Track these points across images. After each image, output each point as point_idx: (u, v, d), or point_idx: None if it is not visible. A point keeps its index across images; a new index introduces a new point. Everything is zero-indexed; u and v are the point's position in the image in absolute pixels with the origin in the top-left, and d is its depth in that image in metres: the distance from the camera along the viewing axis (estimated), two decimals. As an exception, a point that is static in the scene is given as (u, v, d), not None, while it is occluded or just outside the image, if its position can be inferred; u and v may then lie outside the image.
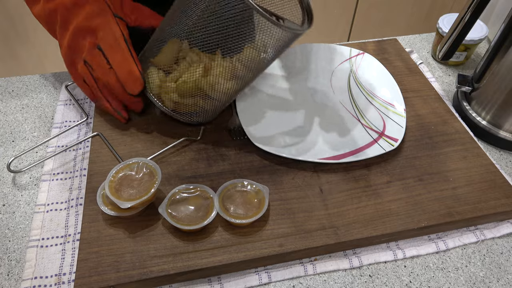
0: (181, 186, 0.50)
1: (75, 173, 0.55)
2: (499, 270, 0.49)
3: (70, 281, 0.45)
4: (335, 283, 0.47)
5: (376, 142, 0.57)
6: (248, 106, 0.60)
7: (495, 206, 0.51)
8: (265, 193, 0.49)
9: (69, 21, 0.56)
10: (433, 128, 0.61)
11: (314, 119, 0.61)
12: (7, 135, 0.60)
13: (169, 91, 0.54)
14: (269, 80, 0.66)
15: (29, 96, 0.66)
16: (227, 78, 0.51)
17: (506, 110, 0.59)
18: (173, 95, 0.54)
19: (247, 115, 0.59)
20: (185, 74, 0.52)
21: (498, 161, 0.60)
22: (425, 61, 0.77)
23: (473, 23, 0.57)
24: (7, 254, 0.48)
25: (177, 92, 0.53)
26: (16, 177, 0.55)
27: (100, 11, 0.55)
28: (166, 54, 0.53)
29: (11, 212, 0.52)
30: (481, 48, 0.80)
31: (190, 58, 0.52)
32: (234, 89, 0.53)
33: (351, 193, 0.52)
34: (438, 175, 0.55)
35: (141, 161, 0.50)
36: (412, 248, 0.50)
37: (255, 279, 0.47)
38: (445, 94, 0.69)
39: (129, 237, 0.47)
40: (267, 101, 0.63)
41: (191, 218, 0.47)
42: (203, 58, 0.51)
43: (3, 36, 1.51)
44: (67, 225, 0.50)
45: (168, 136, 0.58)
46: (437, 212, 0.50)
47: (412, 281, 0.47)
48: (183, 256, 0.45)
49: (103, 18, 0.54)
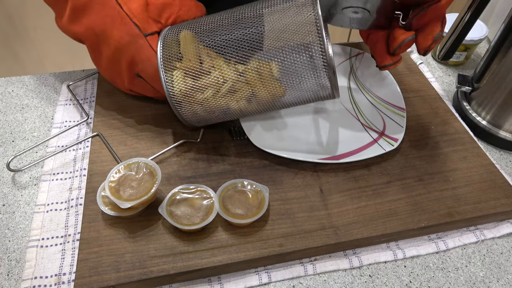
0: (181, 186, 0.50)
1: (75, 173, 0.55)
2: (499, 270, 0.49)
3: (70, 281, 0.45)
4: (335, 283, 0.47)
5: (376, 142, 0.57)
6: (248, 106, 0.60)
7: (495, 206, 0.51)
8: (265, 193, 0.49)
9: (99, 49, 0.53)
10: (433, 128, 0.61)
11: (314, 119, 0.61)
12: (7, 135, 0.60)
13: (195, 102, 0.50)
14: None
15: (29, 96, 0.66)
16: (270, 98, 0.49)
17: (506, 110, 0.59)
18: (198, 107, 0.50)
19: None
20: (220, 89, 0.48)
21: (498, 161, 0.60)
22: (425, 61, 0.77)
23: (473, 23, 0.57)
24: (7, 254, 0.48)
25: (204, 105, 0.50)
26: (16, 177, 0.55)
27: (131, 37, 0.50)
28: (189, 59, 0.49)
29: (11, 212, 0.52)
30: (481, 48, 0.80)
31: (222, 71, 0.48)
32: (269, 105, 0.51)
33: (351, 193, 0.52)
34: (438, 175, 0.55)
35: (141, 161, 0.50)
36: (412, 248, 0.50)
37: (255, 279, 0.47)
38: (445, 94, 0.69)
39: (129, 237, 0.47)
40: (267, 101, 0.63)
41: (191, 218, 0.47)
42: (231, 69, 0.48)
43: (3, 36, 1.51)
44: (67, 225, 0.50)
45: (168, 136, 0.58)
46: (437, 212, 0.50)
47: (412, 281, 0.47)
48: (183, 256, 0.45)
49: (134, 45, 0.50)
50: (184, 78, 0.49)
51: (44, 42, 1.55)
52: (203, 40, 0.49)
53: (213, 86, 0.48)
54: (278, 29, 0.46)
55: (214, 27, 0.49)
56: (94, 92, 0.66)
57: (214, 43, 0.48)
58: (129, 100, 0.62)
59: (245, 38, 0.47)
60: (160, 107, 0.62)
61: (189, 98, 0.50)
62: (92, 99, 0.65)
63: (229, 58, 0.48)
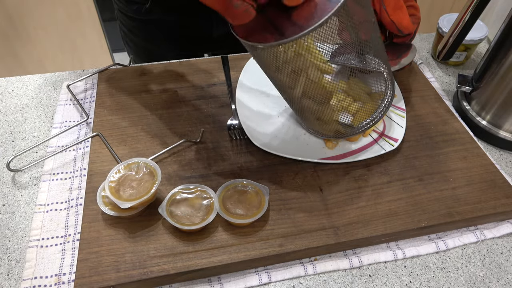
0: (181, 186, 0.50)
1: (75, 173, 0.55)
2: (499, 270, 0.49)
3: (70, 281, 0.45)
4: (335, 283, 0.47)
5: (376, 142, 0.57)
6: (248, 106, 0.60)
7: (495, 206, 0.51)
8: (265, 193, 0.49)
9: None
10: (433, 128, 0.61)
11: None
12: (7, 135, 0.60)
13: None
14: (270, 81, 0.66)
15: (29, 96, 0.66)
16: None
17: (506, 110, 0.59)
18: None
19: (247, 115, 0.59)
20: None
21: (498, 161, 0.60)
22: (425, 61, 0.77)
23: (473, 23, 0.57)
24: (7, 254, 0.48)
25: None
26: (16, 177, 0.55)
27: None
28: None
29: (11, 212, 0.52)
30: (481, 48, 0.80)
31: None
32: None
33: (351, 193, 0.52)
34: (438, 175, 0.55)
35: (141, 161, 0.50)
36: (412, 248, 0.50)
37: (255, 279, 0.47)
38: (445, 94, 0.69)
39: (129, 237, 0.47)
40: (267, 101, 0.63)
41: (191, 218, 0.47)
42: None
43: (3, 36, 1.51)
44: (67, 225, 0.50)
45: (168, 136, 0.58)
46: (437, 212, 0.50)
47: (412, 281, 0.47)
48: (183, 256, 0.45)
49: None
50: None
51: (44, 42, 1.55)
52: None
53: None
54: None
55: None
56: (94, 92, 0.66)
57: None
58: (129, 100, 0.63)
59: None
60: (160, 108, 0.62)
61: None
62: (92, 99, 0.65)
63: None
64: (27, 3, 1.43)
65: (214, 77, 0.67)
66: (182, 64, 0.69)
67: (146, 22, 0.80)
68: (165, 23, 0.79)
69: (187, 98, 0.63)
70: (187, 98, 0.63)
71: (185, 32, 0.81)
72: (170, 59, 0.70)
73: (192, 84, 0.66)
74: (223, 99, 0.63)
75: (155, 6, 0.76)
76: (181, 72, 0.68)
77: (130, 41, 0.87)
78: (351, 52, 0.49)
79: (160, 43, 0.84)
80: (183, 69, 0.68)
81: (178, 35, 0.82)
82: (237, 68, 0.67)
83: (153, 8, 0.76)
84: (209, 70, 0.68)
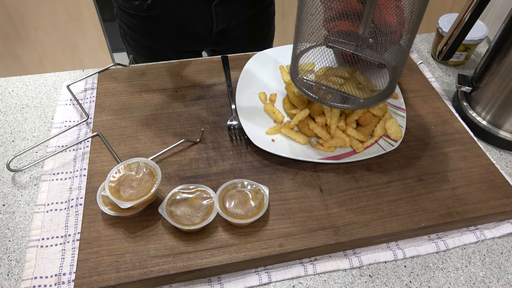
0: (181, 186, 0.50)
1: (75, 173, 0.55)
2: (499, 270, 0.49)
3: (70, 281, 0.45)
4: (335, 283, 0.47)
5: (376, 142, 0.57)
6: (247, 106, 0.60)
7: (495, 206, 0.51)
8: (265, 193, 0.49)
9: None
10: (433, 128, 0.61)
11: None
12: (7, 135, 0.60)
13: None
14: (269, 80, 0.66)
15: (29, 96, 0.66)
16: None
17: (506, 110, 0.59)
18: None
19: (247, 115, 0.59)
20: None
21: (498, 161, 0.60)
22: (425, 61, 0.77)
23: (473, 23, 0.57)
24: (7, 254, 0.48)
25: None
26: (16, 177, 0.55)
27: None
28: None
29: (11, 212, 0.52)
30: (481, 48, 0.80)
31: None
32: None
33: (351, 193, 0.52)
34: (438, 175, 0.55)
35: (141, 161, 0.50)
36: (412, 248, 0.50)
37: (255, 279, 0.47)
38: (445, 94, 0.69)
39: (129, 237, 0.47)
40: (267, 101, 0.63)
41: (191, 218, 0.47)
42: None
43: (3, 36, 1.51)
44: (67, 225, 0.50)
45: (168, 136, 0.58)
46: (437, 212, 0.50)
47: (412, 281, 0.47)
48: (183, 256, 0.45)
49: None
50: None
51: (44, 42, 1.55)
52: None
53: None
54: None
55: None
56: (94, 92, 0.66)
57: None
58: (129, 100, 0.62)
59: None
60: (160, 108, 0.62)
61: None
62: (92, 99, 0.65)
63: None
64: (27, 3, 1.43)
65: (214, 77, 0.67)
66: (182, 64, 0.69)
67: (146, 19, 0.80)
68: (165, 19, 0.79)
69: (187, 98, 0.63)
70: (187, 98, 0.63)
71: (185, 28, 0.81)
72: (170, 55, 0.70)
73: (192, 84, 0.66)
74: (223, 99, 0.63)
75: (156, 2, 0.76)
76: (181, 72, 0.68)
77: (130, 39, 0.87)
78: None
79: (160, 39, 0.84)
80: (183, 69, 0.68)
81: (178, 31, 0.82)
82: (237, 68, 0.67)
83: (155, 5, 0.76)
84: (209, 70, 0.68)
